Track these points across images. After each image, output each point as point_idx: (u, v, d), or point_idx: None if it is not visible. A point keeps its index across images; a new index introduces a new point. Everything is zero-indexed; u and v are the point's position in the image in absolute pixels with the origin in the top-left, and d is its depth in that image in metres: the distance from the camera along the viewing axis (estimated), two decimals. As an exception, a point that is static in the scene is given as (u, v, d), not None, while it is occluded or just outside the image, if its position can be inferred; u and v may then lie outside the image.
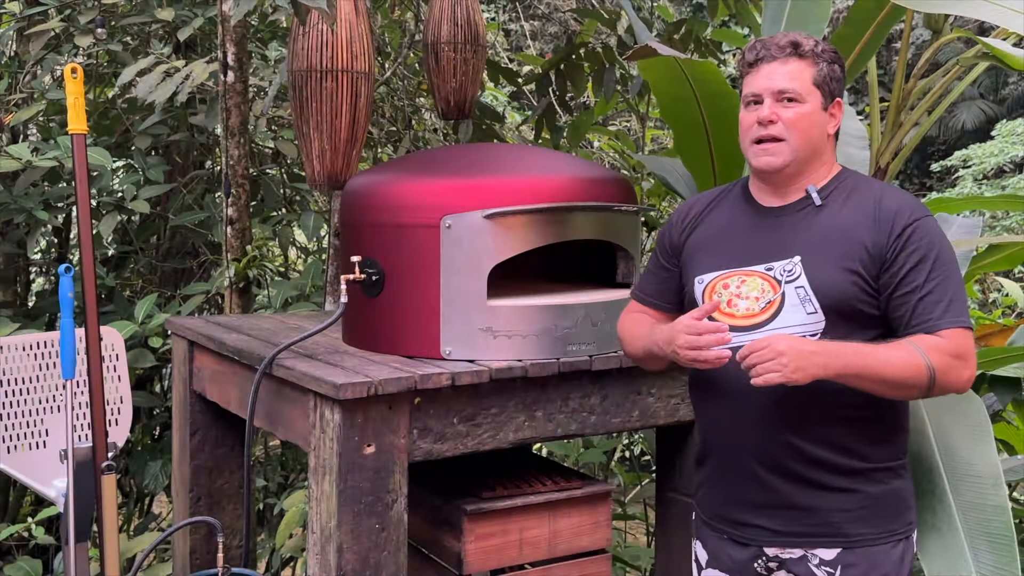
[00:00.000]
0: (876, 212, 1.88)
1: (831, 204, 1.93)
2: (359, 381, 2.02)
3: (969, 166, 14.71)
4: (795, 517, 1.91)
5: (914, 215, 1.87)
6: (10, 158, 3.41)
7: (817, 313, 1.86)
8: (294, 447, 3.93)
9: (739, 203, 2.04)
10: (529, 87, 5.78)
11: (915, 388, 1.80)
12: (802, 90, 1.89)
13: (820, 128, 1.93)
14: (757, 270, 1.93)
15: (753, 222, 2.00)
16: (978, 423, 2.44)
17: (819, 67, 1.91)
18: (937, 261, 1.85)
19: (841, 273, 1.86)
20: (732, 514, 1.99)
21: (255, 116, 3.82)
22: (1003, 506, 2.27)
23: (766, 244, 1.95)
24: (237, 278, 3.37)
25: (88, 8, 3.75)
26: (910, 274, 1.84)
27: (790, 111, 1.89)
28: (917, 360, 1.77)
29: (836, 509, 1.89)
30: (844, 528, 1.88)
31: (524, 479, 2.48)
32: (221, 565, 2.39)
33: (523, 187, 2.27)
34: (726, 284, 1.95)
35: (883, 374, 1.77)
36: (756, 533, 1.95)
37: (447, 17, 3.19)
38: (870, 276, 1.85)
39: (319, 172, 2.74)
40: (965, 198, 4.05)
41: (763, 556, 1.96)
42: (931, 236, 1.87)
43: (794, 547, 1.92)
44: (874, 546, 1.89)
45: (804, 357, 1.73)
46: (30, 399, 2.72)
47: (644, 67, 2.86)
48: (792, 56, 1.90)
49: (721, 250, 2.01)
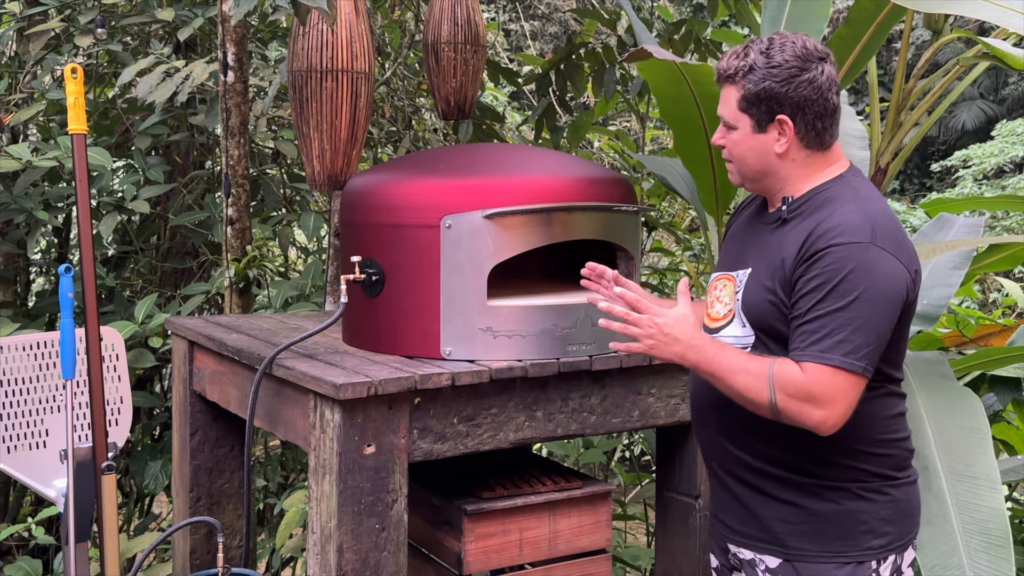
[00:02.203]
0: (811, 231, 1.79)
1: (793, 220, 1.87)
2: (359, 381, 2.02)
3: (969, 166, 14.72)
4: (744, 519, 1.95)
5: (837, 239, 1.74)
6: (10, 158, 3.41)
7: (747, 327, 1.89)
8: (294, 447, 3.93)
9: (758, 207, 2.07)
10: (529, 87, 5.79)
11: (759, 406, 1.76)
12: (729, 117, 1.91)
13: (756, 152, 1.89)
14: (732, 276, 1.98)
15: (751, 227, 2.04)
16: (977, 425, 2.44)
17: (745, 89, 1.85)
18: (834, 291, 1.72)
19: (761, 291, 1.86)
20: (713, 508, 2.08)
21: (255, 116, 3.82)
22: (999, 508, 2.27)
23: (741, 251, 2.00)
24: (237, 278, 3.37)
25: (88, 8, 3.75)
26: (801, 300, 1.76)
27: (725, 139, 1.94)
28: (762, 380, 1.74)
29: (778, 519, 1.89)
30: (785, 539, 1.89)
31: (524, 479, 2.48)
32: (221, 565, 2.39)
33: (523, 187, 2.27)
34: (715, 285, 2.02)
35: (728, 380, 1.78)
36: (722, 528, 2.03)
37: (447, 17, 3.19)
38: (784, 296, 1.81)
39: (319, 172, 2.74)
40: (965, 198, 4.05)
41: (729, 552, 2.02)
42: (841, 263, 1.72)
43: (746, 548, 1.96)
44: (814, 563, 1.86)
45: (665, 342, 1.79)
46: (30, 399, 2.72)
47: (643, 67, 2.87)
48: (724, 83, 1.91)
49: (726, 251, 2.09)
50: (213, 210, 3.92)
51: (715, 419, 1.97)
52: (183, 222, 3.93)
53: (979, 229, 3.57)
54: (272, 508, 3.77)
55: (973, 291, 5.20)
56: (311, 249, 4.71)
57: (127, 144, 4.06)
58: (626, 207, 2.42)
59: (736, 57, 1.88)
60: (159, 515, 4.03)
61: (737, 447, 1.94)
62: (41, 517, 3.13)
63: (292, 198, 4.43)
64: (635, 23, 3.48)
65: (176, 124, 4.06)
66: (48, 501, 2.75)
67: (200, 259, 4.27)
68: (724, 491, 2.00)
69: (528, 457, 2.79)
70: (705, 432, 2.03)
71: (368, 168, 2.91)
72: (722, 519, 2.02)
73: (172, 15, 3.68)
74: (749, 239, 2.00)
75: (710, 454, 2.03)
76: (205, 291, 3.70)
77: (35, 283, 4.59)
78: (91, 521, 2.38)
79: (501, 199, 2.23)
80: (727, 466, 1.97)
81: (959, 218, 3.65)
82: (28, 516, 3.62)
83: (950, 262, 3.32)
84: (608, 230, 2.40)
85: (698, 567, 2.56)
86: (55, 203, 3.79)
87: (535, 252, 2.33)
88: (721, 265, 2.06)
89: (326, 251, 3.88)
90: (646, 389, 2.44)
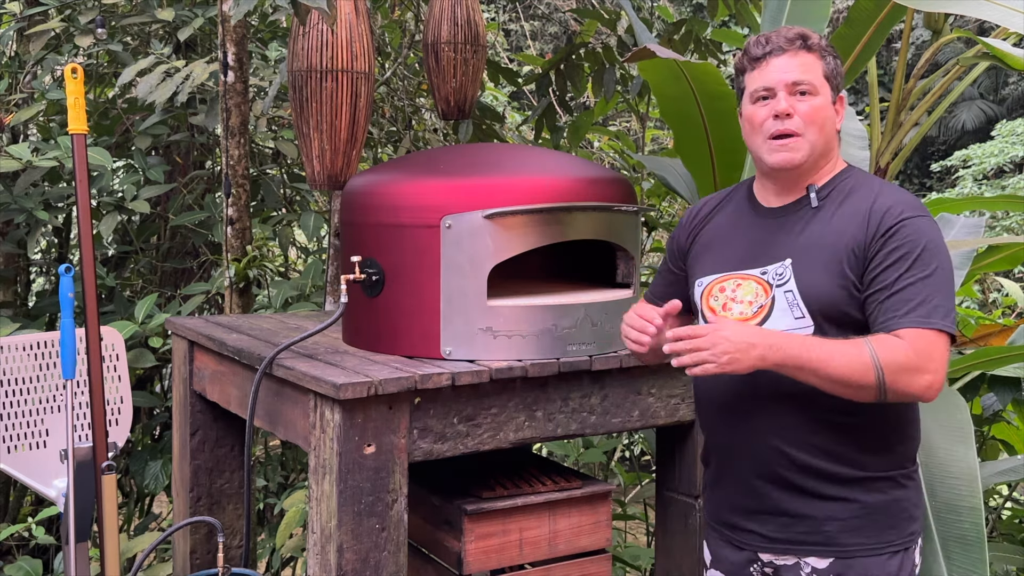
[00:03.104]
0: (869, 212, 1.82)
1: (827, 206, 1.88)
2: (359, 381, 2.02)
3: (969, 166, 14.72)
4: (787, 524, 1.89)
5: (904, 213, 1.79)
6: (10, 158, 3.41)
7: (805, 318, 1.83)
8: (294, 447, 3.93)
9: (743, 204, 2.02)
10: (529, 87, 5.79)
11: (863, 388, 1.70)
12: (816, 82, 1.85)
13: (832, 122, 1.90)
14: (753, 274, 1.91)
15: (753, 223, 1.97)
16: (959, 423, 2.44)
17: (827, 61, 1.88)
18: (918, 260, 1.75)
19: (829, 277, 1.81)
20: (729, 518, 1.99)
21: (255, 116, 3.82)
22: (976, 508, 2.27)
23: (762, 247, 1.92)
24: (237, 278, 3.37)
25: (88, 8, 3.75)
26: (884, 272, 1.76)
27: (805, 104, 1.84)
28: (864, 358, 1.68)
29: (829, 518, 1.85)
30: (837, 538, 1.85)
31: (524, 479, 2.48)
32: (221, 565, 2.39)
33: (523, 187, 2.27)
34: (722, 288, 1.94)
35: (825, 369, 1.69)
36: (751, 538, 1.95)
37: (447, 17, 3.19)
38: (856, 278, 1.80)
39: (319, 172, 2.74)
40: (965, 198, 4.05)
41: (758, 561, 1.95)
42: (918, 235, 1.77)
43: (787, 554, 1.90)
44: (868, 557, 1.84)
45: (741, 349, 1.67)
46: (30, 399, 2.72)
47: (643, 67, 2.87)
48: (802, 49, 1.86)
49: (721, 253, 2.00)
50: (213, 210, 3.92)
51: (760, 416, 1.87)
52: (183, 222, 3.93)
53: (979, 229, 3.57)
54: (272, 508, 3.77)
55: (973, 291, 5.20)
56: (311, 249, 4.71)
57: (127, 144, 4.06)
58: (626, 207, 2.42)
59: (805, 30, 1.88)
60: (159, 515, 4.03)
61: (787, 443, 1.85)
62: (41, 517, 3.13)
63: (292, 198, 4.43)
64: (635, 23, 3.49)
65: (176, 124, 4.06)
66: (48, 501, 2.75)
67: (200, 259, 4.27)
68: (761, 500, 1.91)
69: (528, 457, 2.79)
70: (741, 432, 1.91)
71: (368, 168, 2.91)
72: (751, 529, 1.94)
73: (172, 15, 3.68)
74: (764, 235, 1.93)
75: (751, 463, 1.91)
76: (205, 291, 3.71)
77: (35, 283, 4.59)
78: (91, 521, 2.38)
79: (501, 199, 2.23)
80: (768, 467, 1.88)
81: (959, 218, 3.65)
82: (28, 516, 3.62)
83: (950, 262, 3.31)
84: (608, 230, 2.40)
85: (698, 567, 2.56)
86: (55, 203, 3.80)
87: (535, 252, 2.33)
88: (721, 267, 1.97)
89: (326, 251, 3.89)
90: (646, 389, 2.44)
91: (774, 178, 1.95)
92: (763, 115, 1.87)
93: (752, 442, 1.90)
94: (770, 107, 1.86)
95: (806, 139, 1.85)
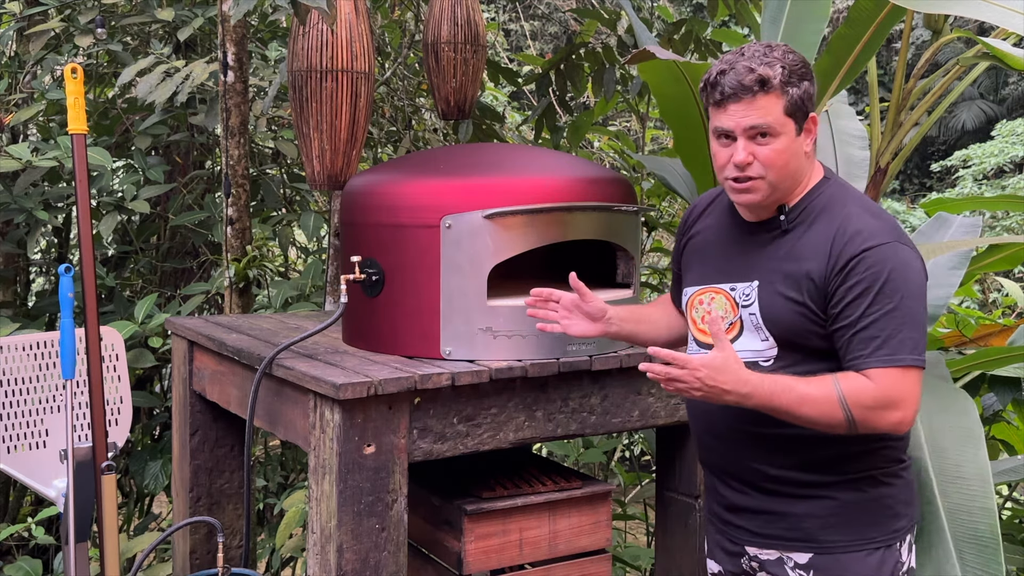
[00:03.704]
0: (832, 240, 1.79)
1: (797, 228, 1.86)
2: (359, 381, 2.02)
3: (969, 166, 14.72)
4: (770, 521, 1.93)
5: (867, 243, 1.76)
6: (10, 158, 3.41)
7: (768, 340, 1.85)
8: (294, 447, 3.93)
9: (726, 212, 2.01)
10: (529, 87, 5.79)
11: (834, 427, 1.74)
12: (776, 123, 1.78)
13: (798, 156, 1.84)
14: (723, 289, 1.93)
15: (731, 236, 1.97)
16: (969, 426, 2.43)
17: (789, 95, 1.79)
18: (880, 294, 1.73)
19: (787, 303, 1.82)
20: (721, 513, 2.03)
21: (255, 116, 3.82)
22: (990, 509, 2.27)
23: (734, 263, 1.93)
24: (237, 278, 3.37)
25: (88, 8, 3.75)
26: (847, 308, 1.75)
27: (765, 148, 1.79)
28: (832, 400, 1.72)
29: (807, 515, 1.88)
30: (815, 534, 1.88)
31: (524, 479, 2.48)
32: (221, 565, 2.39)
33: (523, 187, 2.27)
34: (700, 300, 1.98)
35: (796, 413, 1.73)
36: (739, 533, 1.99)
37: (447, 17, 3.19)
38: (817, 308, 1.79)
39: (319, 172, 2.74)
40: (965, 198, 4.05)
41: (746, 555, 1.99)
42: (880, 265, 1.74)
43: (771, 548, 1.93)
44: (846, 553, 1.86)
45: (715, 394, 1.71)
46: (30, 399, 2.72)
47: (643, 68, 2.87)
48: (760, 93, 1.77)
49: (703, 262, 2.01)
50: (213, 210, 3.92)
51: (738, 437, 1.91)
52: (183, 222, 3.93)
53: (977, 229, 3.57)
54: (272, 508, 3.77)
55: (973, 291, 5.20)
56: (311, 249, 4.71)
57: (127, 144, 4.06)
58: (626, 207, 2.42)
59: (764, 65, 1.78)
60: (159, 515, 4.03)
61: (764, 464, 1.89)
62: (41, 517, 3.13)
63: (292, 198, 4.43)
64: (635, 23, 3.48)
65: (176, 124, 4.06)
66: (48, 501, 2.75)
67: (200, 259, 4.27)
68: (744, 498, 1.95)
69: (528, 457, 2.79)
70: (723, 449, 1.96)
71: (368, 168, 2.91)
72: (739, 524, 1.98)
73: (172, 15, 3.68)
74: (738, 250, 1.93)
75: (729, 470, 1.97)
76: (205, 291, 3.71)
77: (35, 283, 4.59)
78: (91, 521, 2.38)
79: (501, 199, 2.23)
80: (746, 479, 1.93)
81: (957, 218, 3.65)
82: (28, 516, 3.62)
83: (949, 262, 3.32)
84: (608, 230, 2.40)
85: (698, 567, 2.56)
86: (55, 203, 3.80)
87: (535, 252, 2.33)
88: (702, 278, 1.98)
89: (326, 251, 3.89)
90: (646, 389, 2.44)
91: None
92: (723, 157, 1.84)
93: (727, 453, 1.96)
94: (730, 151, 1.83)
95: (767, 180, 1.82)
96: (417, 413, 2.13)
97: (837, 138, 3.46)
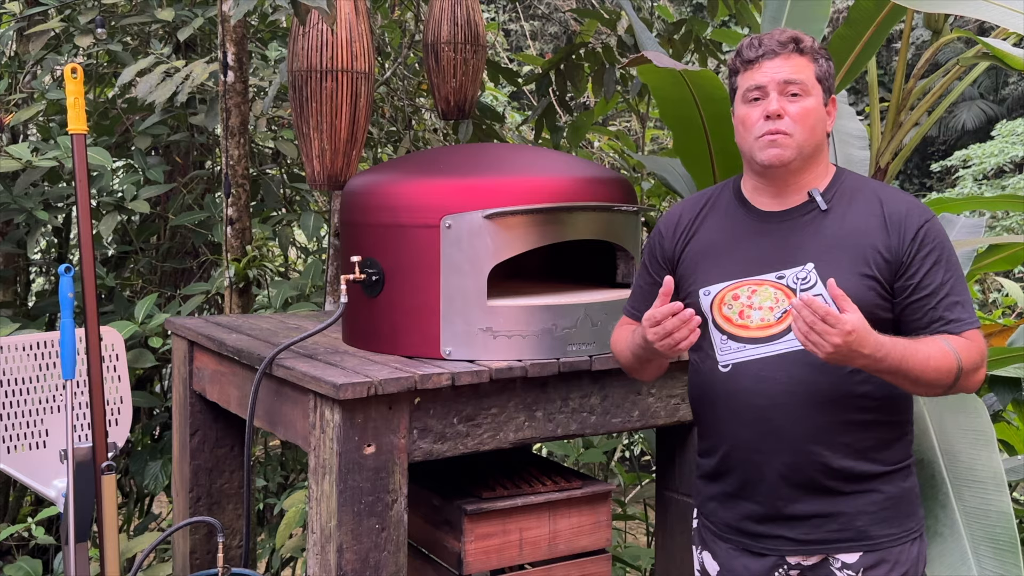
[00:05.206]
0: (884, 215, 1.88)
1: (836, 207, 1.90)
2: (359, 381, 2.02)
3: (969, 166, 14.72)
4: (818, 525, 1.90)
5: (923, 216, 1.88)
6: (10, 158, 3.41)
7: None
8: (294, 447, 3.94)
9: (735, 209, 2.00)
10: (529, 87, 5.79)
11: (940, 387, 1.81)
12: (808, 83, 1.88)
13: (823, 124, 1.92)
14: (767, 279, 1.89)
15: (757, 228, 1.95)
16: (980, 427, 2.43)
17: (819, 63, 1.92)
18: (949, 262, 1.86)
19: (858, 279, 1.83)
20: (752, 527, 1.95)
21: (255, 116, 3.82)
22: (1006, 511, 2.26)
23: (774, 251, 1.91)
24: (237, 278, 3.37)
25: (88, 8, 3.75)
26: (927, 276, 1.84)
27: (796, 105, 1.87)
28: (950, 362, 1.78)
29: (859, 512, 1.88)
30: (868, 530, 1.88)
31: (524, 479, 2.48)
32: (221, 565, 2.39)
33: (523, 187, 2.27)
34: (736, 295, 1.91)
35: (918, 374, 1.76)
36: (778, 543, 1.93)
37: (447, 17, 3.19)
38: (886, 281, 1.85)
39: (319, 172, 2.74)
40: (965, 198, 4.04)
41: (784, 565, 1.94)
42: (941, 237, 1.87)
43: (816, 554, 1.91)
44: (895, 546, 1.90)
45: (851, 357, 1.69)
46: (30, 399, 2.72)
47: (643, 70, 2.87)
48: (795, 52, 1.90)
49: (725, 259, 1.96)
50: (213, 210, 3.92)
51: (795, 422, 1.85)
52: (183, 222, 3.93)
53: (979, 229, 3.57)
54: (272, 508, 3.77)
55: (973, 291, 5.20)
56: (311, 249, 4.71)
57: (127, 144, 4.06)
58: (626, 207, 2.42)
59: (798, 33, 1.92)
60: (159, 515, 4.03)
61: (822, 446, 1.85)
62: (41, 517, 3.13)
63: (292, 198, 4.43)
64: (635, 23, 3.48)
65: (176, 124, 4.06)
66: (48, 501, 2.75)
67: (200, 259, 4.27)
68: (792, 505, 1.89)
69: (528, 457, 2.79)
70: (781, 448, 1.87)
71: (368, 168, 2.91)
72: (777, 534, 1.92)
73: (172, 15, 3.68)
74: (768, 240, 1.92)
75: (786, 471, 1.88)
76: (205, 291, 3.71)
77: (35, 283, 4.59)
78: (91, 521, 2.38)
79: (501, 199, 2.23)
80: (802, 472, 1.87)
81: (959, 218, 3.65)
82: (28, 516, 3.62)
83: (951, 262, 3.31)
84: (608, 230, 2.40)
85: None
86: (55, 203, 3.80)
87: (535, 252, 2.33)
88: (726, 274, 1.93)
89: (326, 251, 3.89)
90: (646, 389, 2.44)
91: (768, 177, 1.93)
92: (755, 116, 1.90)
93: (786, 449, 1.88)
94: (762, 107, 1.89)
95: (795, 139, 1.87)
96: (417, 413, 2.13)
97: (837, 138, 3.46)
